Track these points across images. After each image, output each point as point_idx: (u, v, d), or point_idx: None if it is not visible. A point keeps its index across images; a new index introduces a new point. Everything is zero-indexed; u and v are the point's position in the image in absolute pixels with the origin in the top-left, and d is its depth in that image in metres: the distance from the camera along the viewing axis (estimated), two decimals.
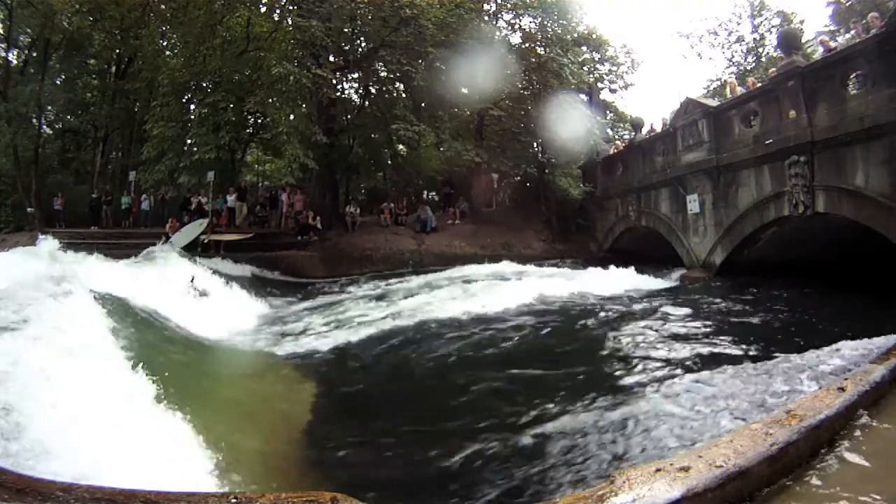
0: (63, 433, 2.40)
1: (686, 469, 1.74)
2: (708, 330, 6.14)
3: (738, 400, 3.47)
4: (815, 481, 1.88)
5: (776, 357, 4.36)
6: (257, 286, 11.29)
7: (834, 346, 4.21)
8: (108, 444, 2.51)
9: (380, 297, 9.70)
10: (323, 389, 4.81)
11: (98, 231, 15.34)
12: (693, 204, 11.38)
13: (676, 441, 3.07)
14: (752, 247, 10.18)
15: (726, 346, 5.39)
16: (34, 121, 17.42)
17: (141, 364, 3.59)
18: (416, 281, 11.46)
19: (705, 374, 4.35)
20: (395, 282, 11.75)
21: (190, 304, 7.58)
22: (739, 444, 1.91)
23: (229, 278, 10.09)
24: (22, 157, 16.55)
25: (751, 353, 5.06)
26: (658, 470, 1.75)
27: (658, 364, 4.91)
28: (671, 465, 1.78)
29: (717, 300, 8.01)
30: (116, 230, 15.85)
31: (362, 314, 8.09)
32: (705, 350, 5.30)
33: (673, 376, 4.47)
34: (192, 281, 8.39)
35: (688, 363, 4.85)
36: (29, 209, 16.23)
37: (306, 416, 4.21)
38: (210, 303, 8.16)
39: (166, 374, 3.75)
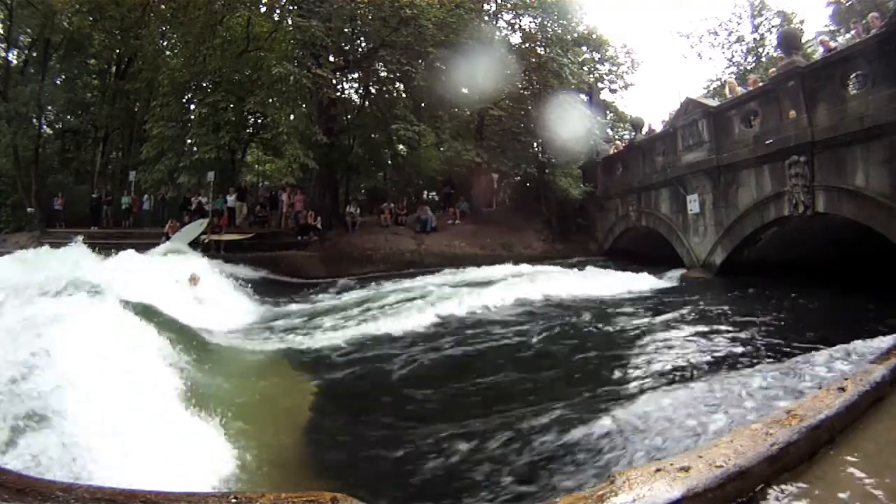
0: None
1: (686, 469, 1.73)
2: (708, 330, 6.14)
3: (739, 400, 3.47)
4: (815, 481, 1.88)
5: (776, 357, 4.37)
6: (257, 286, 11.27)
7: (834, 347, 4.21)
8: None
9: (379, 298, 9.69)
10: (323, 388, 4.82)
11: (98, 231, 15.32)
12: (693, 204, 11.38)
13: (676, 441, 3.06)
14: (753, 247, 10.17)
15: (726, 347, 5.38)
16: (34, 121, 17.44)
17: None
18: (415, 281, 11.45)
19: (705, 374, 4.38)
20: (395, 282, 11.72)
21: (191, 303, 7.58)
22: (739, 444, 1.90)
23: (229, 278, 10.12)
24: (22, 157, 16.57)
25: (751, 353, 5.06)
26: (658, 470, 1.75)
27: (658, 364, 4.92)
28: (671, 465, 1.78)
29: (718, 300, 8.01)
30: (116, 230, 15.85)
31: (362, 314, 8.09)
32: (705, 350, 5.31)
33: (673, 377, 4.48)
34: (189, 281, 8.38)
35: (688, 363, 4.86)
36: (29, 209, 16.26)
37: (307, 414, 4.22)
38: (211, 302, 8.16)
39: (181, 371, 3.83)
